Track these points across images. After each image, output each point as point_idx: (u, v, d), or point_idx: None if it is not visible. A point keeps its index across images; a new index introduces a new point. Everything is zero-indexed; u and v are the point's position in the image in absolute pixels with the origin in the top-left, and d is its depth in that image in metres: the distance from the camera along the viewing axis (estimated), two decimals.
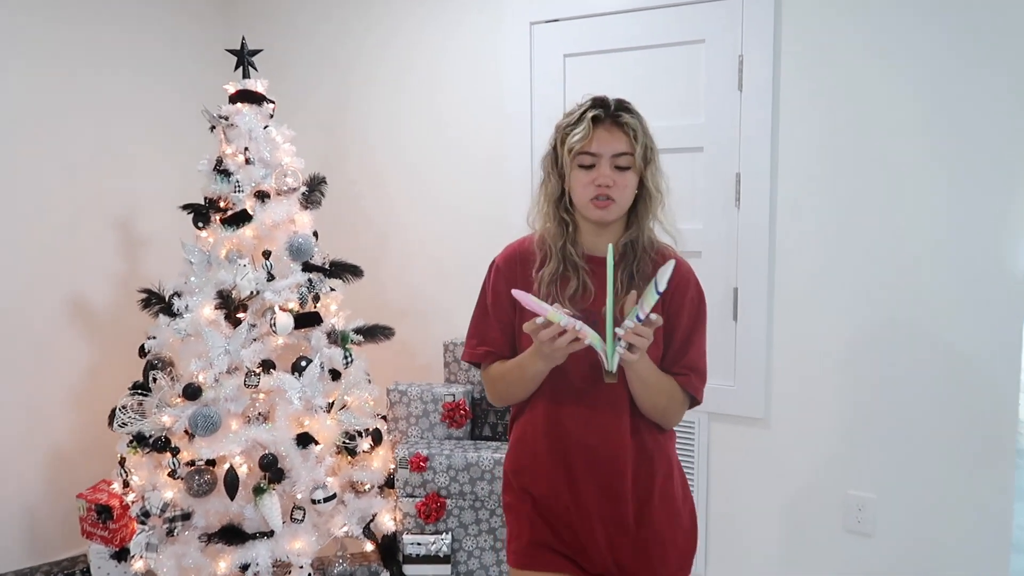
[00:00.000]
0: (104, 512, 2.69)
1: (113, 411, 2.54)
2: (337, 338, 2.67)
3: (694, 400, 1.64)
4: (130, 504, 2.56)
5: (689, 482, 2.66)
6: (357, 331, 2.76)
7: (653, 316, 1.40)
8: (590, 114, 1.51)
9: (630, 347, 1.40)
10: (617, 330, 1.40)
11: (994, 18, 2.15)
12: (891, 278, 2.36)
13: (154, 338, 2.60)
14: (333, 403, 2.57)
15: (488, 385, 1.70)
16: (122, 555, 2.70)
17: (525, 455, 1.66)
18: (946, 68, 2.22)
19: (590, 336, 1.41)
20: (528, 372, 1.55)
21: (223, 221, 2.54)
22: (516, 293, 1.42)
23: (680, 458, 2.63)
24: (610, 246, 1.40)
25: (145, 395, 2.57)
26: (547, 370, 1.53)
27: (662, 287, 1.38)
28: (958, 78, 2.21)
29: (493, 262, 1.69)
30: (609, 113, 1.53)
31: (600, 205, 1.52)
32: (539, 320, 1.40)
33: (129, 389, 2.62)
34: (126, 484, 2.56)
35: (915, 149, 2.29)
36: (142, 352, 2.63)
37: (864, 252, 2.39)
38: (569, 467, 1.59)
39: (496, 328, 1.66)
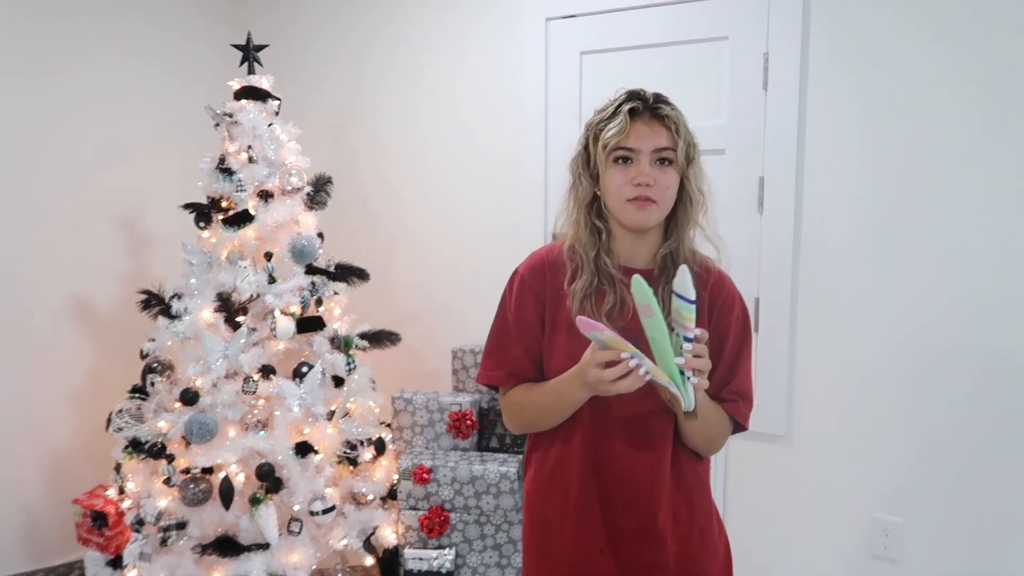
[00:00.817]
0: (99, 519, 2.63)
1: (110, 415, 2.48)
2: (340, 343, 2.58)
3: (739, 427, 1.51)
4: (125, 511, 2.49)
5: None
6: (362, 336, 2.68)
7: (698, 331, 1.25)
8: (627, 106, 1.37)
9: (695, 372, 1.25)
10: (678, 360, 1.22)
11: None
12: (923, 288, 2.22)
13: (153, 340, 2.53)
14: (335, 411, 2.48)
15: (509, 412, 1.52)
16: (118, 563, 2.63)
17: (556, 491, 1.48)
18: (992, 61, 2.08)
19: (660, 377, 1.22)
20: (565, 399, 1.39)
21: (224, 221, 2.46)
22: (582, 321, 1.23)
23: None
24: (638, 279, 1.19)
25: (143, 399, 2.51)
26: (586, 399, 1.37)
27: (693, 295, 1.22)
28: (1006, 72, 2.07)
29: (515, 272, 1.52)
30: (648, 105, 1.38)
31: (640, 205, 1.36)
32: (624, 355, 1.22)
33: (128, 392, 2.55)
34: (121, 490, 2.49)
35: (955, 150, 2.15)
36: (143, 355, 2.56)
37: (895, 261, 2.26)
38: (607, 505, 1.44)
39: (519, 346, 1.48)
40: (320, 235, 2.64)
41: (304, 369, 2.45)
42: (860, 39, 2.24)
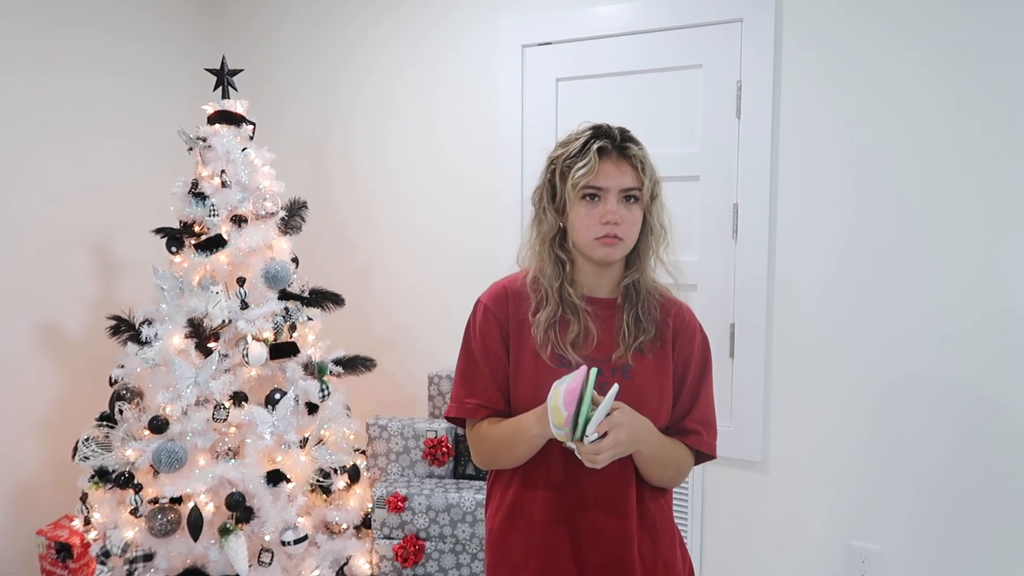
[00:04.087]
0: (64, 550, 2.56)
1: (77, 443, 2.42)
2: (314, 369, 2.55)
3: (706, 456, 1.52)
4: (91, 542, 2.42)
5: (683, 528, 2.52)
6: (337, 362, 2.64)
7: (595, 436, 1.27)
8: (595, 144, 1.38)
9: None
10: (587, 439, 1.27)
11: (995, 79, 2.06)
12: (899, 317, 2.24)
13: (123, 367, 2.48)
14: (308, 438, 2.45)
15: (475, 445, 1.50)
16: None
17: (519, 528, 1.47)
18: (968, 89, 2.12)
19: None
20: (524, 435, 1.38)
21: (196, 246, 2.43)
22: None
23: (674, 504, 2.51)
24: (595, 370, 1.28)
25: (111, 427, 2.45)
26: (545, 438, 1.37)
27: (603, 412, 1.26)
28: (982, 100, 2.11)
29: (478, 302, 1.52)
30: (616, 144, 1.40)
31: (607, 242, 1.38)
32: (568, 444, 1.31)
33: (96, 420, 2.50)
34: (87, 521, 2.43)
35: (930, 178, 2.18)
36: (112, 382, 2.51)
37: (870, 288, 2.27)
38: (575, 541, 1.43)
39: (487, 375, 1.47)
40: (295, 260, 2.62)
41: (277, 396, 2.42)
42: (832, 67, 2.27)
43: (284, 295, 2.53)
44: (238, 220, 2.48)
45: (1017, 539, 2.13)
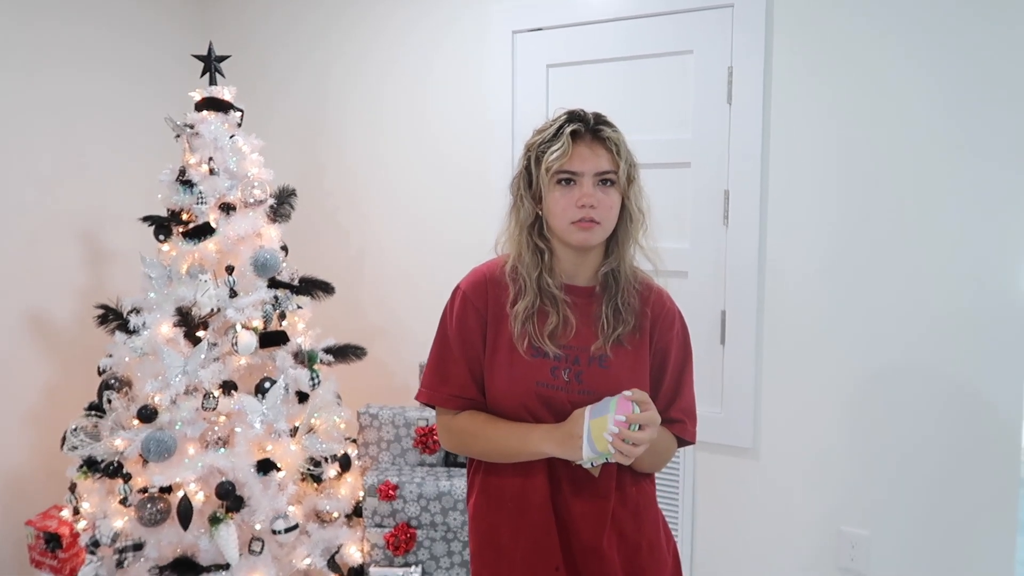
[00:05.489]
0: (53, 540, 2.54)
1: (65, 433, 2.40)
2: (304, 358, 2.53)
3: (686, 442, 1.53)
4: (80, 532, 2.41)
5: (673, 515, 2.53)
6: (327, 350, 2.63)
7: (621, 418, 1.30)
8: (568, 128, 1.37)
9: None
10: (607, 437, 1.30)
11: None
12: (889, 303, 2.24)
13: (111, 356, 2.47)
14: (298, 427, 2.44)
15: (456, 436, 1.48)
16: None
17: (508, 514, 1.47)
18: (963, 76, 2.11)
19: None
20: (531, 450, 1.39)
21: (184, 234, 2.41)
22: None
23: (663, 489, 2.52)
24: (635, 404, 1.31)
25: (100, 416, 2.44)
26: (551, 456, 1.38)
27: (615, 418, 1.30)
28: (968, 91, 2.10)
29: (457, 288, 1.51)
30: (589, 127, 1.38)
31: (584, 226, 1.36)
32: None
33: (84, 409, 2.48)
34: (76, 511, 2.41)
35: (921, 165, 2.17)
36: (100, 371, 2.49)
37: (860, 275, 2.27)
38: (562, 526, 1.44)
39: (463, 365, 1.46)
40: (284, 248, 2.60)
41: (267, 385, 2.40)
42: (823, 54, 2.26)
43: (273, 283, 2.51)
44: (226, 208, 2.46)
45: (1004, 524, 2.14)
